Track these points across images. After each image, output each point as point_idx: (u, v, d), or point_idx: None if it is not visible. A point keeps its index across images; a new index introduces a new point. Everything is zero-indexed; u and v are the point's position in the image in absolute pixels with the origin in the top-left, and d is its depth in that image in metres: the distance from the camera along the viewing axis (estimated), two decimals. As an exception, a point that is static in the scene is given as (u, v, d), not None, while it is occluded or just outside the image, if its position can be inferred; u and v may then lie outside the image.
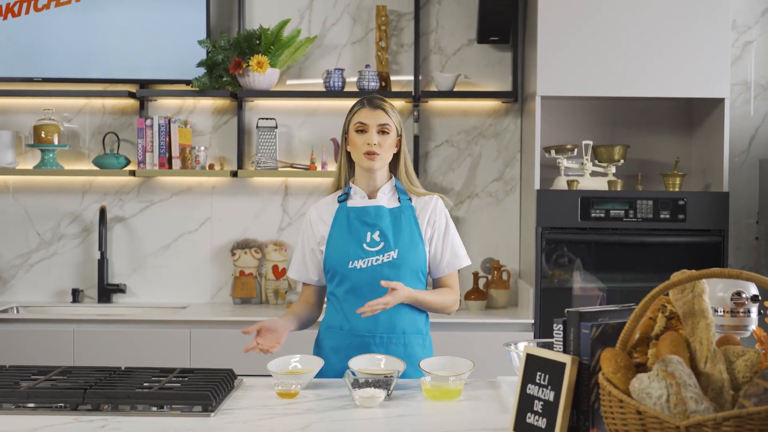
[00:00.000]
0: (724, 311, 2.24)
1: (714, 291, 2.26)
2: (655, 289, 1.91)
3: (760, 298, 2.24)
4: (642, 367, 1.98)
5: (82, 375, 2.60)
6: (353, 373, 2.53)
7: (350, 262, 2.88)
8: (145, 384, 2.49)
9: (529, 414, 2.09)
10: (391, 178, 3.00)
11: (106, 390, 2.39)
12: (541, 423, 2.05)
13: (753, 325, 2.24)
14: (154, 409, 2.35)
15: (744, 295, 2.23)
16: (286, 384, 2.51)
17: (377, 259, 2.88)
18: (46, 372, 2.61)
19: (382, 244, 2.89)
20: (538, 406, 2.08)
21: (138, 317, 4.35)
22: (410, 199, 2.99)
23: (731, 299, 2.23)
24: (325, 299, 3.04)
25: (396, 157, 2.99)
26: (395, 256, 2.87)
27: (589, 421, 2.04)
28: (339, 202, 2.98)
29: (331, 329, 2.95)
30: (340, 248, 2.90)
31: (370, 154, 2.88)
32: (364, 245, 2.89)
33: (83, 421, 2.25)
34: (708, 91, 4.25)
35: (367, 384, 2.45)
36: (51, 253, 4.83)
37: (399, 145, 2.97)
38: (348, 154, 2.98)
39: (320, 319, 3.06)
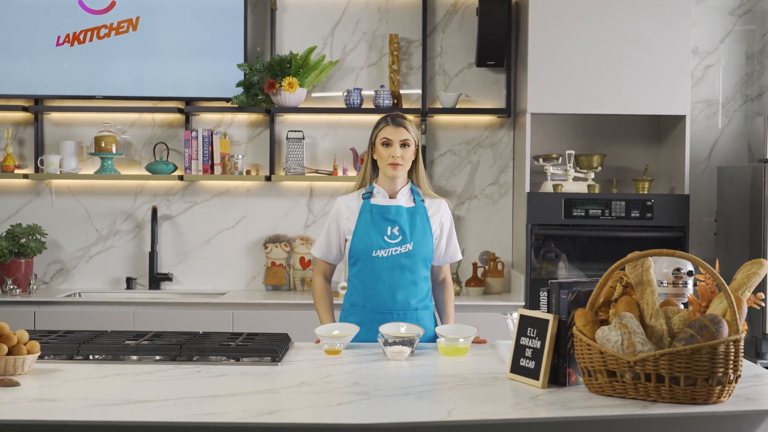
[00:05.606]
0: (667, 283, 2.55)
1: (660, 268, 2.55)
2: (614, 265, 2.33)
3: (694, 273, 2.54)
4: (605, 322, 2.38)
5: (173, 337, 2.94)
6: (383, 336, 2.88)
7: (373, 251, 3.19)
8: (222, 343, 2.83)
9: (521, 359, 2.48)
10: (408, 181, 3.28)
11: (197, 345, 2.78)
12: (531, 365, 2.45)
13: (689, 293, 2.54)
14: (233, 360, 2.72)
15: (682, 271, 2.55)
16: (332, 344, 2.90)
17: (396, 250, 3.19)
18: (142, 335, 2.96)
19: (400, 237, 3.20)
20: (528, 352, 2.46)
21: (186, 301, 4.67)
22: (423, 200, 3.27)
23: (672, 274, 2.55)
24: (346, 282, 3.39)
25: (414, 164, 3.27)
26: (411, 248, 3.20)
27: (566, 363, 2.42)
28: (363, 198, 3.25)
29: (355, 307, 3.26)
30: (365, 239, 3.20)
31: (394, 165, 3.19)
32: (386, 237, 3.19)
33: (182, 368, 2.62)
34: (672, 109, 4.58)
35: (395, 343, 2.83)
36: (107, 247, 5.12)
37: (416, 154, 3.25)
38: (374, 160, 3.27)
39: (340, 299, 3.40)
